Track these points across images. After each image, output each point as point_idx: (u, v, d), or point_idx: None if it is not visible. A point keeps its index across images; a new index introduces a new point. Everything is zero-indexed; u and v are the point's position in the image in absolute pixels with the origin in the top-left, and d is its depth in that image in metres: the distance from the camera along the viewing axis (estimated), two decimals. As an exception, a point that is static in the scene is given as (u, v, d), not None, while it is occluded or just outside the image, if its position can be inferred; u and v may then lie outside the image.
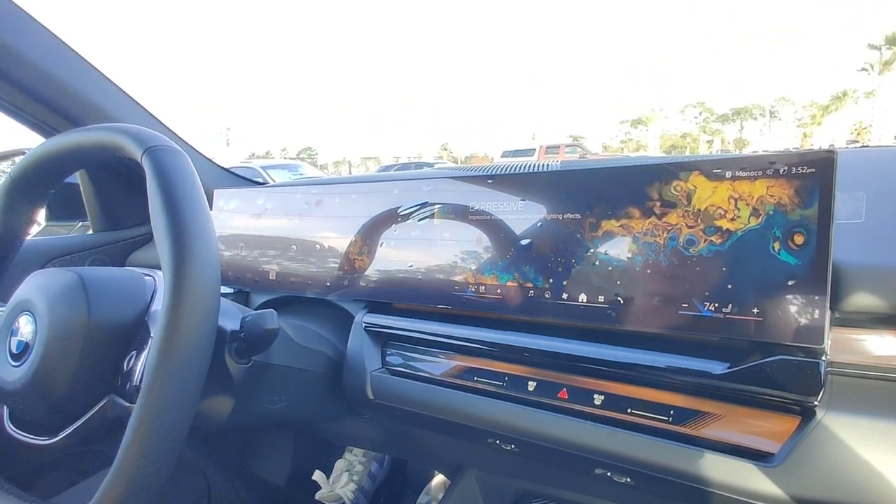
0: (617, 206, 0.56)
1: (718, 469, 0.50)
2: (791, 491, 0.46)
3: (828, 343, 0.47)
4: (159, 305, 0.52)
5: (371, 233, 0.75)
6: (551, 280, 0.60)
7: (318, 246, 0.81)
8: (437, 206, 0.70)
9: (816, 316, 0.46)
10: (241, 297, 0.93)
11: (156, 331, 0.46)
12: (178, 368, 0.45)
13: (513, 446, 0.64)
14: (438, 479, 1.14)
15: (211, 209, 0.74)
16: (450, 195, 0.69)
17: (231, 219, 0.93)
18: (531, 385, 0.61)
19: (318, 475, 1.12)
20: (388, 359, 0.74)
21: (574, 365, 0.59)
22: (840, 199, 0.47)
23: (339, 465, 1.21)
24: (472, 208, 0.67)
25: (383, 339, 0.75)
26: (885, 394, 0.48)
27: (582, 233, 0.58)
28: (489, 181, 0.66)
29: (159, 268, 0.51)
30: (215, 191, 0.97)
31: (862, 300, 0.48)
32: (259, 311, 0.56)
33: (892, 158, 0.72)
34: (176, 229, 0.46)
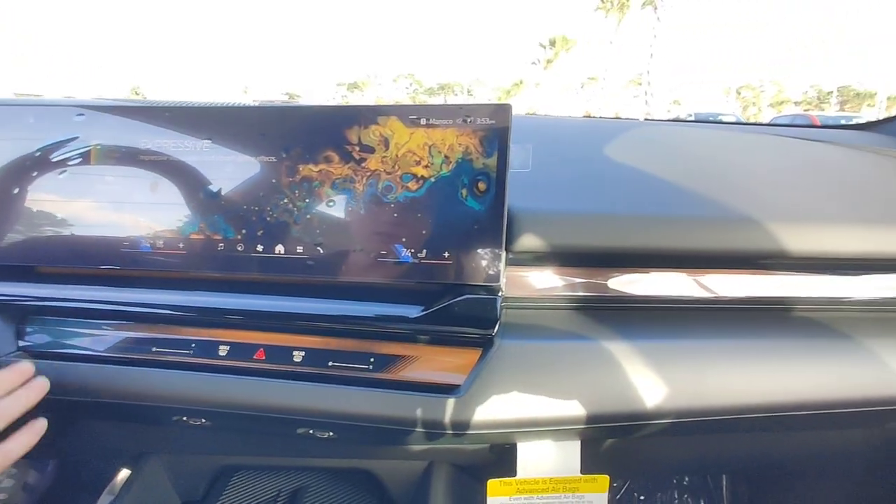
0: (315, 149, 0.52)
1: (414, 407, 0.51)
2: (474, 416, 0.51)
3: (503, 281, 0.52)
4: None
5: None
6: (244, 231, 0.53)
7: None
8: (94, 143, 0.55)
9: (494, 257, 0.50)
10: None
11: None
12: None
13: (203, 420, 0.56)
14: (124, 473, 0.97)
15: None
16: (113, 129, 0.55)
17: None
18: (223, 349, 0.54)
19: None
20: (27, 338, 0.57)
21: (271, 322, 0.54)
22: (512, 151, 0.51)
23: (-24, 483, 0.93)
24: (143, 147, 0.55)
25: (19, 314, 0.57)
26: (549, 320, 0.57)
27: (278, 178, 0.53)
28: (166, 115, 0.55)
29: None
30: None
31: (529, 241, 0.54)
32: None
33: (551, 123, 0.85)
34: None
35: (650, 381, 0.53)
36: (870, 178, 0.69)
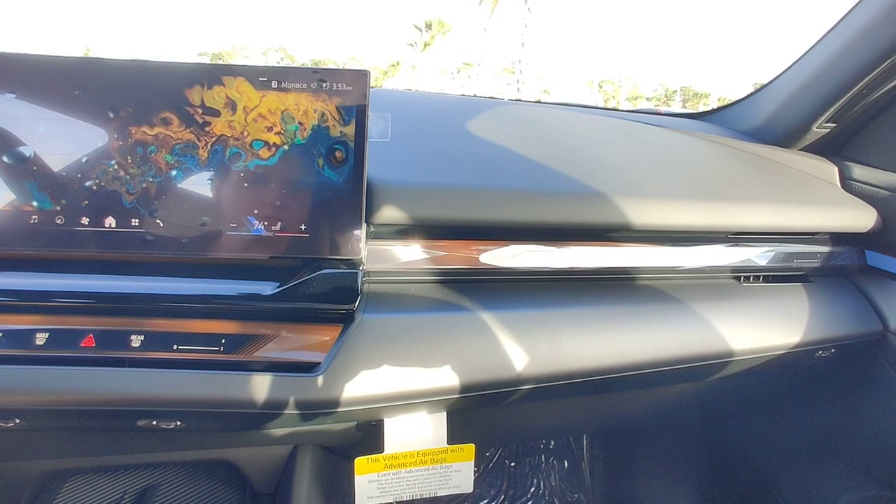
0: (150, 110, 0.47)
1: (271, 388, 0.49)
2: (336, 394, 0.49)
3: (364, 254, 0.51)
4: None
5: None
6: (64, 201, 0.46)
7: None
8: None
9: (354, 230, 0.49)
10: None
11: None
12: None
13: (17, 421, 0.48)
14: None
15: None
16: None
17: None
18: (40, 338, 0.47)
19: None
20: None
21: (103, 305, 0.48)
22: (370, 119, 0.50)
23: None
24: None
25: None
26: (412, 293, 0.57)
27: (104, 141, 0.46)
28: None
29: None
30: None
31: (391, 214, 0.54)
32: None
33: (413, 97, 0.84)
34: None
35: (511, 349, 0.55)
36: (699, 161, 0.77)
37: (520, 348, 0.55)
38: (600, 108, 1.05)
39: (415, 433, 0.60)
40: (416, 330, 0.53)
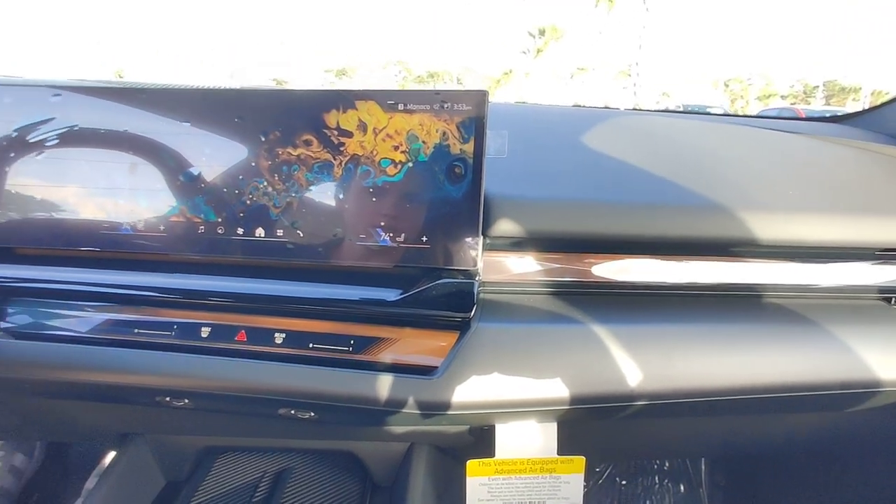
0: (294, 133, 0.53)
1: (393, 388, 0.53)
2: (452, 397, 0.52)
3: (480, 265, 0.53)
4: None
5: None
6: (225, 214, 0.54)
7: None
8: (70, 124, 0.55)
9: (471, 242, 0.51)
10: None
11: None
12: None
13: (186, 401, 0.57)
14: (111, 455, 0.98)
15: None
16: (90, 111, 0.56)
17: None
18: (205, 331, 0.55)
19: None
20: (9, 319, 0.57)
21: (252, 305, 0.55)
22: (488, 136, 0.52)
23: (-39, 467, 0.93)
24: (121, 129, 0.55)
25: (1, 296, 0.58)
26: (525, 304, 0.58)
27: (257, 161, 0.53)
28: (143, 97, 0.55)
29: None
30: None
31: (506, 227, 0.56)
32: None
33: (530, 112, 0.86)
34: None
35: (625, 363, 0.54)
36: (842, 169, 0.70)
37: (633, 363, 0.54)
38: (724, 116, 1.00)
39: (525, 441, 0.62)
40: (528, 340, 0.54)
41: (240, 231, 0.54)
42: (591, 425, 0.68)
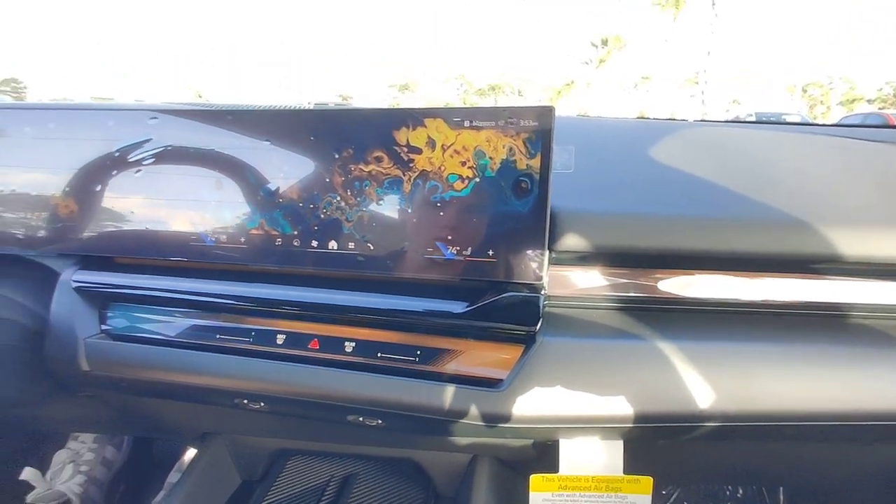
0: (366, 150, 0.55)
1: (458, 400, 0.54)
2: (517, 410, 0.53)
3: (545, 279, 0.53)
4: None
5: (79, 173, 0.62)
6: (300, 227, 0.57)
7: (2, 187, 0.63)
8: (165, 144, 0.60)
9: (537, 256, 0.52)
10: None
11: None
12: None
13: (262, 404, 0.60)
14: (191, 452, 1.04)
15: None
16: (182, 132, 0.60)
17: None
18: (280, 338, 0.58)
19: (28, 472, 0.92)
20: (108, 322, 0.63)
21: (325, 314, 0.58)
22: (555, 151, 0.53)
23: (61, 456, 1.01)
24: (209, 148, 0.59)
25: (101, 300, 0.63)
26: (591, 319, 0.58)
27: (331, 177, 0.56)
28: (228, 118, 0.59)
29: None
30: None
31: (572, 241, 0.56)
32: None
33: (596, 126, 0.85)
34: None
35: (694, 382, 0.53)
36: None
37: (706, 383, 0.53)
38: (803, 124, 0.94)
39: (590, 457, 0.61)
40: (594, 355, 0.54)
41: (314, 243, 0.56)
42: (659, 445, 0.66)
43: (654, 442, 0.65)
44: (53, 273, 0.64)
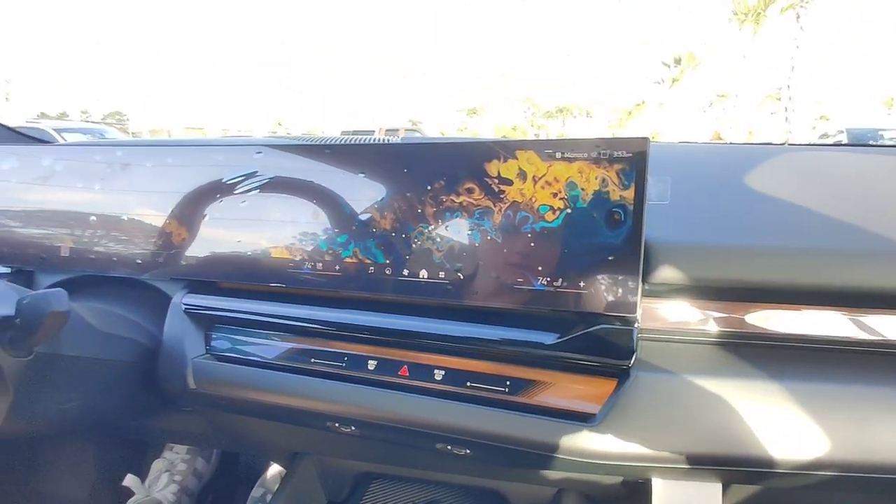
0: (457, 182, 0.56)
1: (549, 433, 0.53)
2: (609, 446, 0.51)
3: (639, 312, 0.52)
4: None
5: (192, 203, 0.67)
6: (392, 256, 0.58)
7: (125, 217, 0.69)
8: (268, 177, 0.64)
9: (630, 288, 0.51)
10: (23, 277, 0.77)
11: None
12: None
13: (353, 428, 0.62)
14: (273, 469, 1.08)
15: None
16: (283, 165, 0.64)
17: (4, 182, 0.76)
18: (371, 364, 0.60)
19: (130, 479, 0.99)
20: (213, 343, 0.67)
21: (415, 342, 0.59)
22: (650, 183, 0.52)
23: (158, 465, 1.08)
24: (308, 180, 0.63)
25: (207, 322, 0.68)
26: (685, 354, 0.56)
27: (423, 208, 0.57)
28: (326, 152, 0.63)
29: None
30: None
31: (667, 273, 0.54)
32: (40, 292, 0.46)
33: (690, 153, 0.83)
34: None
35: (805, 426, 0.49)
36: None
37: (818, 427, 0.49)
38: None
39: (685, 499, 0.58)
40: (691, 392, 0.52)
41: (405, 272, 0.58)
42: (763, 491, 0.62)
43: (757, 488, 0.61)
44: (166, 296, 0.69)
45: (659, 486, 0.57)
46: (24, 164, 0.75)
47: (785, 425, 0.50)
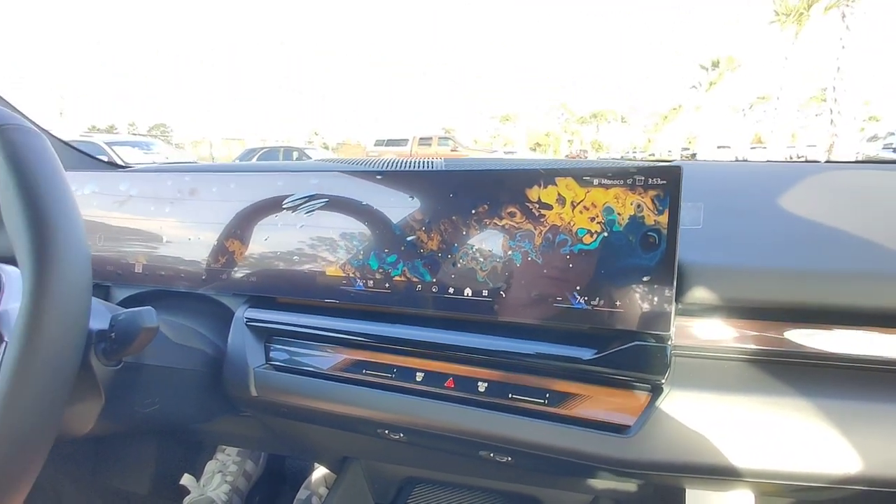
0: (500, 206, 0.60)
1: (586, 443, 0.56)
2: (644, 457, 0.54)
3: (673, 330, 0.55)
4: (10, 305, 0.47)
5: (253, 225, 0.73)
6: (438, 275, 0.63)
7: (192, 237, 0.76)
8: (324, 200, 0.70)
9: (665, 307, 0.54)
10: (100, 291, 0.84)
11: (12, 335, 0.41)
12: (40, 377, 0.40)
13: (401, 435, 0.66)
14: (319, 472, 1.13)
15: None
16: (338, 189, 0.69)
17: (87, 206, 0.83)
18: (419, 376, 0.64)
19: (187, 479, 1.06)
20: (272, 354, 0.72)
21: (460, 355, 0.63)
22: (684, 208, 0.55)
23: (211, 466, 1.15)
24: (361, 203, 0.68)
25: (266, 335, 0.73)
26: (717, 370, 0.58)
27: (468, 231, 0.62)
28: (378, 177, 0.67)
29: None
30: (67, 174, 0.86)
31: (699, 294, 0.57)
32: (135, 309, 0.52)
33: (724, 173, 0.85)
34: (37, 219, 0.42)
35: (837, 442, 0.51)
36: None
37: (848, 443, 0.51)
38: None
39: (719, 510, 0.60)
40: (723, 407, 0.54)
41: (451, 290, 0.62)
42: (793, 501, 0.63)
43: (788, 500, 0.62)
44: (229, 310, 0.75)
45: (692, 496, 0.60)
46: (102, 189, 0.83)
47: (816, 441, 0.52)
